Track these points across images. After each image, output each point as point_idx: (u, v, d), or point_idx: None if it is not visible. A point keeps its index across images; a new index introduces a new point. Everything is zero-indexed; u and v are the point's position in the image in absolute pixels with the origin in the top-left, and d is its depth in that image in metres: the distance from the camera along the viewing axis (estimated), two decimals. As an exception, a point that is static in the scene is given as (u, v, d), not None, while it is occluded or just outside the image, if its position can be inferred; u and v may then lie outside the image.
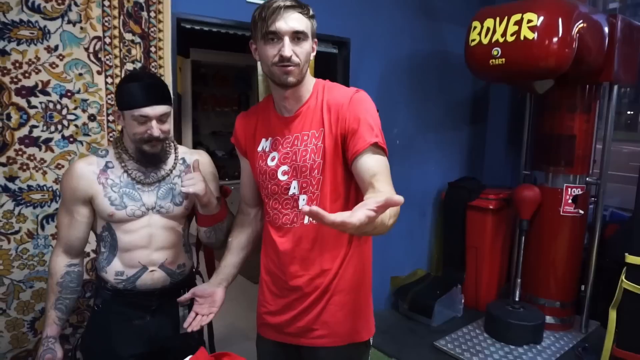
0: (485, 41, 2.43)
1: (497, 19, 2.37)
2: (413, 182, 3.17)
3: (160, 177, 1.39)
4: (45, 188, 1.76)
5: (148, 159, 1.35)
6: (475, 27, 2.48)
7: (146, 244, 1.37)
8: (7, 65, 1.64)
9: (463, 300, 3.13)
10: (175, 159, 1.43)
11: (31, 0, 1.66)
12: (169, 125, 1.34)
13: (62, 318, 1.38)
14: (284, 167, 1.24)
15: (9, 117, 1.67)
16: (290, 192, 1.24)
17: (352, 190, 1.24)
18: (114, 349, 1.38)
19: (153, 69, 1.94)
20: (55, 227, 1.78)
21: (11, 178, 1.69)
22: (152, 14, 1.91)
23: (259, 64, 2.44)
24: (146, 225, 1.36)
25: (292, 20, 1.12)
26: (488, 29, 2.41)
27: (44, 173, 1.75)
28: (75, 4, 1.74)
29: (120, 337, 1.38)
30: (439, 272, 3.45)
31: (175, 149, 1.45)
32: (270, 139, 1.28)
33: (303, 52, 1.15)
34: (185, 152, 1.48)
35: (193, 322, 1.32)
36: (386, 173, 1.12)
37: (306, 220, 1.24)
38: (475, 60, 2.52)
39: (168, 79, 1.96)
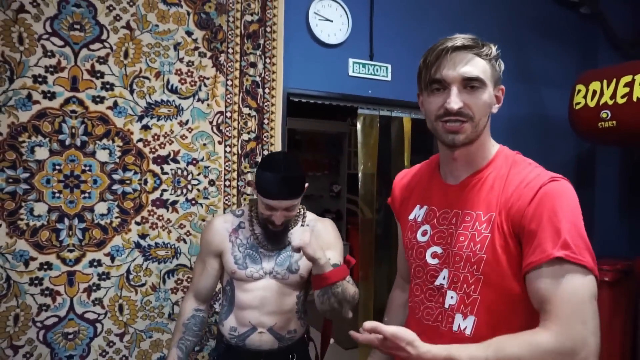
0: (592, 104, 2.35)
1: (605, 81, 2.30)
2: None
3: (282, 245, 1.47)
4: (169, 245, 1.95)
5: (269, 235, 1.45)
6: (579, 91, 2.43)
7: (258, 305, 1.43)
8: (148, 137, 1.91)
9: None
10: (301, 226, 1.51)
11: (171, 83, 1.94)
12: (294, 212, 1.42)
13: (181, 357, 1.47)
14: (436, 249, 0.98)
15: (145, 182, 1.91)
16: (438, 282, 0.97)
17: (526, 317, 0.88)
18: None
19: (265, 139, 2.13)
20: (175, 281, 1.95)
21: (143, 235, 1.90)
22: (267, 90, 2.13)
23: (359, 129, 2.59)
24: (261, 288, 1.44)
25: (463, 65, 0.89)
26: (594, 91, 2.35)
27: (169, 232, 1.95)
28: (205, 85, 2.01)
29: None
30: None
31: (304, 216, 1.54)
32: (425, 207, 1.05)
33: (478, 103, 0.91)
34: (312, 220, 1.55)
35: None
36: (568, 302, 0.78)
37: (455, 326, 0.93)
38: (581, 124, 2.44)
39: (278, 147, 2.14)
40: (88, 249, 1.81)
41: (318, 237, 1.39)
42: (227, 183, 2.05)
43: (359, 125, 2.54)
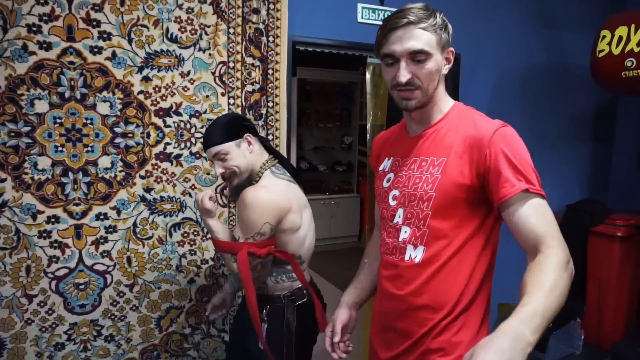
0: (616, 51, 2.21)
1: (632, 26, 2.14)
2: (526, 203, 2.96)
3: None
4: (174, 199, 1.95)
5: (232, 192, 1.52)
6: (604, 37, 2.27)
7: None
8: (149, 89, 1.86)
9: (583, 337, 2.82)
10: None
11: (170, 31, 1.86)
12: (232, 162, 1.43)
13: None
14: (395, 192, 1.14)
15: (148, 135, 1.88)
16: (395, 221, 1.13)
17: (478, 241, 1.07)
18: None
19: (270, 90, 2.06)
20: (182, 234, 1.96)
21: (148, 189, 1.90)
22: (271, 39, 2.04)
23: (368, 79, 2.50)
24: None
25: (409, 40, 1.01)
26: (620, 37, 2.19)
27: (174, 185, 1.94)
28: (206, 33, 1.92)
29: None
30: (553, 302, 3.15)
31: (260, 178, 1.48)
32: (392, 158, 1.21)
33: (425, 73, 1.03)
34: (262, 182, 1.48)
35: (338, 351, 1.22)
36: (549, 226, 0.94)
37: (407, 256, 1.10)
38: (603, 72, 2.31)
39: (283, 99, 2.07)
40: (94, 202, 1.82)
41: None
42: (231, 136, 2.00)
43: (368, 75, 2.44)
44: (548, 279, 0.87)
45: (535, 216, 0.95)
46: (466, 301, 1.08)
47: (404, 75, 1.02)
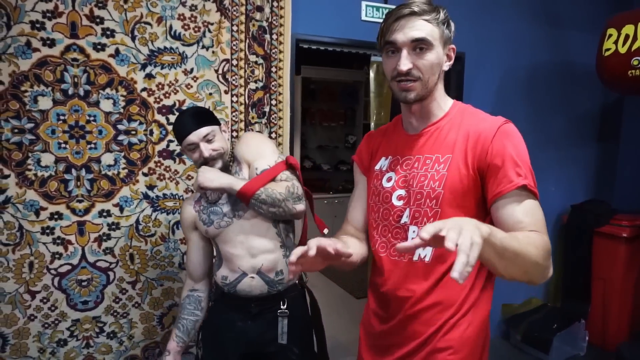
0: (622, 50, 2.19)
1: (639, 25, 2.12)
2: (530, 203, 2.94)
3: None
4: (177, 197, 1.95)
5: None
6: (610, 35, 2.25)
7: (242, 250, 1.44)
8: (152, 87, 1.86)
9: (587, 338, 2.80)
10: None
11: (174, 29, 1.86)
12: (218, 143, 1.41)
13: (179, 336, 1.52)
14: (400, 192, 1.11)
15: (151, 132, 1.88)
16: (402, 221, 1.10)
17: None
18: (222, 345, 1.49)
19: (273, 88, 2.06)
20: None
21: (150, 187, 1.90)
22: (274, 36, 2.03)
23: (371, 78, 2.49)
24: (237, 232, 1.44)
25: (412, 29, 1.00)
26: (627, 36, 2.17)
27: (177, 183, 1.94)
28: (209, 31, 1.92)
29: (226, 336, 1.49)
30: (556, 302, 3.13)
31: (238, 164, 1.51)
32: (390, 157, 1.17)
33: (426, 64, 1.01)
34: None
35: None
36: (536, 221, 0.97)
37: (415, 257, 1.09)
38: (609, 71, 2.29)
39: (286, 96, 2.07)
40: (97, 199, 1.82)
41: (239, 155, 1.46)
42: (234, 134, 2.00)
43: (371, 74, 2.44)
44: (524, 235, 0.92)
45: (525, 212, 0.97)
46: (474, 297, 1.08)
47: (404, 64, 1.00)
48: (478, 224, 0.77)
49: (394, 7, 2.32)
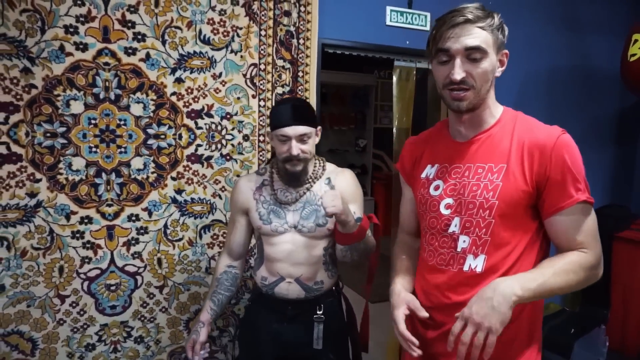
0: (648, 55, 2.18)
1: (666, 30, 2.12)
2: (549, 208, 2.93)
3: (301, 194, 1.46)
4: (204, 201, 1.94)
5: (289, 177, 1.44)
6: (635, 40, 2.25)
7: (285, 257, 1.45)
8: (182, 91, 1.86)
9: (607, 343, 2.79)
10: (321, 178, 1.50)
11: (203, 33, 1.86)
12: (310, 146, 1.40)
13: (213, 309, 1.52)
14: (448, 200, 1.09)
15: (180, 136, 1.88)
16: (450, 230, 1.08)
17: (534, 246, 1.06)
18: (259, 345, 1.50)
19: (300, 92, 2.05)
20: (211, 236, 1.96)
21: (179, 191, 1.90)
22: (301, 41, 2.03)
23: (394, 81, 2.48)
24: (287, 242, 1.45)
25: (467, 37, 0.98)
26: (653, 42, 2.17)
27: (204, 187, 1.94)
28: (238, 35, 1.92)
29: (262, 335, 1.50)
30: (575, 307, 3.12)
31: (324, 168, 1.51)
32: (437, 165, 1.15)
33: (480, 72, 1.00)
34: (332, 172, 1.53)
35: None
36: (588, 237, 1.00)
37: (466, 267, 1.06)
38: (635, 77, 2.28)
39: (312, 101, 2.07)
40: (126, 203, 1.82)
41: (340, 191, 1.36)
42: (262, 138, 2.00)
43: (394, 78, 2.43)
44: (563, 262, 0.97)
45: (579, 231, 1.00)
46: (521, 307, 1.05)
47: (458, 73, 0.99)
48: (507, 295, 0.90)
49: (418, 12, 2.34)
